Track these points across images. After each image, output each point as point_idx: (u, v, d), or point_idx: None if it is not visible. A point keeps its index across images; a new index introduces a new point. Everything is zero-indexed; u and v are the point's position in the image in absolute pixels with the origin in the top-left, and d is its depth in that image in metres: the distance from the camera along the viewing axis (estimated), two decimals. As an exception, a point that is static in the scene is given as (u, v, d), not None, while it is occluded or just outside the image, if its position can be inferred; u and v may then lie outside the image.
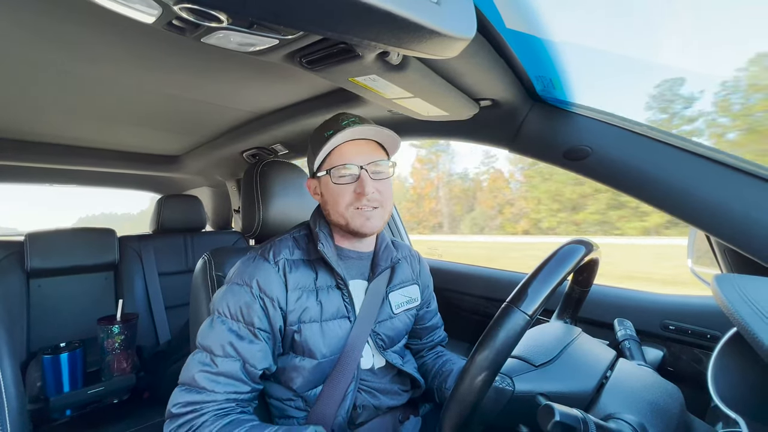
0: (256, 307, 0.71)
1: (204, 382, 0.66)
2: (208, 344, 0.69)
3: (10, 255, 1.46)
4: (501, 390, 0.58)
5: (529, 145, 0.92)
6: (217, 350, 0.68)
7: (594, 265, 0.73)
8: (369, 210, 0.75)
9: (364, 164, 0.74)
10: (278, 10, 0.39)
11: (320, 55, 0.56)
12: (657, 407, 0.55)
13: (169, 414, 0.66)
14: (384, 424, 0.82)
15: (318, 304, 0.76)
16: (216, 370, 0.67)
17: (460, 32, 0.45)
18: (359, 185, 0.74)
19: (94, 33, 0.70)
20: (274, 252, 0.77)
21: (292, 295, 0.74)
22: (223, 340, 0.68)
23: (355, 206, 0.75)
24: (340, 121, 0.76)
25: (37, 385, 1.23)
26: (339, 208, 0.75)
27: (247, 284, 0.72)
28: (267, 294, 0.72)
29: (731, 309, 0.45)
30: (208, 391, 0.66)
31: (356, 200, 0.74)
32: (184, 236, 1.89)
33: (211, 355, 0.68)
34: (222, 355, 0.68)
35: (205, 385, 0.66)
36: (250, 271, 0.73)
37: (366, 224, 0.75)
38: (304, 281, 0.76)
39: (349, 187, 0.75)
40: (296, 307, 0.74)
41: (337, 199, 0.75)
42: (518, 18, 0.65)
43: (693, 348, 0.90)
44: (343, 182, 0.74)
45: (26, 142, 1.45)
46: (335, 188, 0.75)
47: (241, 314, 0.70)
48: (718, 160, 0.70)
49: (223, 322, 0.70)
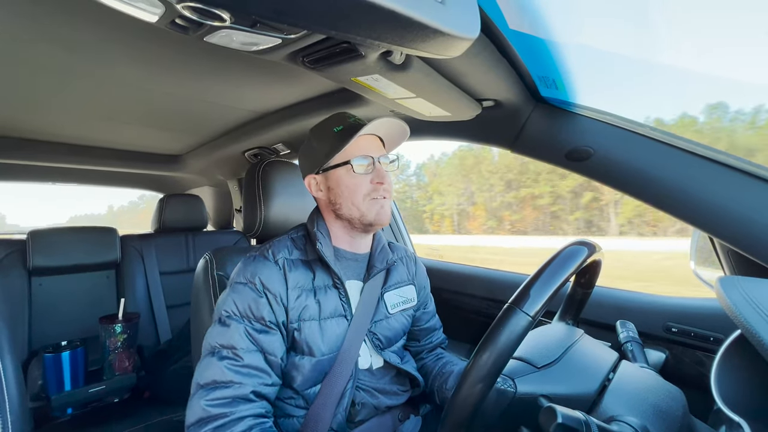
0: (263, 301, 0.72)
1: (232, 375, 0.66)
2: (227, 341, 0.69)
3: (12, 253, 1.47)
4: (503, 391, 0.58)
5: (531, 146, 0.92)
6: (240, 343, 0.69)
7: (597, 267, 0.73)
8: (382, 200, 0.79)
9: (377, 156, 0.79)
10: (281, 8, 0.39)
11: (323, 54, 0.56)
12: (660, 410, 0.54)
13: (197, 419, 0.64)
14: (383, 423, 0.82)
15: (316, 303, 0.77)
16: (242, 362, 0.67)
17: (463, 32, 0.44)
18: (377, 175, 0.78)
19: (97, 32, 0.70)
20: (274, 251, 0.78)
21: (292, 293, 0.75)
22: (242, 334, 0.69)
23: (372, 196, 0.78)
24: (347, 118, 0.80)
25: (38, 384, 1.23)
26: (356, 198, 0.78)
27: (250, 282, 0.73)
28: (270, 290, 0.73)
29: (735, 311, 0.45)
30: (236, 384, 0.66)
31: (374, 190, 0.78)
32: (185, 235, 1.89)
33: (232, 350, 0.68)
34: (245, 348, 0.69)
35: (233, 378, 0.66)
36: (252, 269, 0.75)
37: (380, 213, 0.79)
38: (303, 280, 0.77)
39: (367, 178, 0.78)
40: (296, 305, 0.75)
41: (355, 191, 0.78)
42: (521, 19, 0.64)
43: (696, 350, 0.90)
44: (363, 172, 0.78)
45: (28, 141, 1.46)
46: (354, 179, 0.78)
47: (251, 311, 0.72)
48: (721, 162, 0.69)
49: (235, 320, 0.71)
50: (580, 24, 0.74)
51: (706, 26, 47.93)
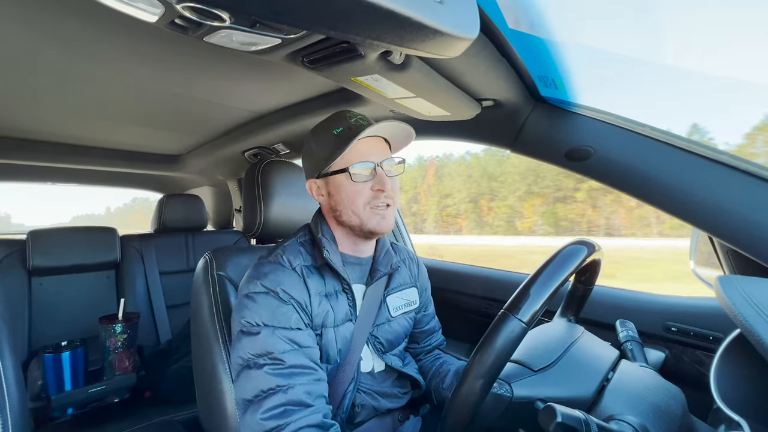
0: (289, 308, 0.69)
1: (277, 379, 0.63)
2: (260, 349, 0.65)
3: (12, 253, 1.47)
4: (499, 396, 0.58)
5: (530, 146, 0.92)
6: (276, 347, 0.65)
7: (596, 264, 0.73)
8: (383, 209, 0.75)
9: (380, 161, 0.75)
10: (281, 9, 0.39)
11: (322, 54, 0.56)
12: (659, 409, 0.54)
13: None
14: (383, 423, 0.82)
15: (332, 309, 0.75)
16: (285, 365, 0.64)
17: (463, 32, 0.44)
18: (377, 182, 0.74)
19: (97, 32, 0.70)
20: (290, 258, 0.75)
21: (314, 300, 0.73)
22: (277, 338, 0.66)
23: (372, 204, 0.74)
24: (349, 118, 0.75)
25: (38, 384, 1.23)
26: (355, 207, 0.74)
27: (272, 291, 0.70)
28: (295, 298, 0.70)
29: (735, 311, 0.45)
30: (283, 387, 0.62)
31: (374, 198, 0.74)
32: (185, 235, 1.89)
33: (269, 356, 0.65)
34: (283, 350, 0.65)
35: (279, 383, 0.62)
36: (272, 278, 0.71)
37: (381, 223, 0.75)
38: (320, 287, 0.75)
39: (367, 185, 0.74)
40: (320, 312, 0.73)
41: (354, 198, 0.74)
42: (520, 18, 0.64)
43: (695, 350, 0.90)
44: (363, 180, 0.74)
45: (28, 141, 1.46)
46: (353, 187, 0.74)
47: (277, 318, 0.68)
48: (721, 161, 0.69)
49: (264, 328, 0.67)
50: (579, 24, 0.74)
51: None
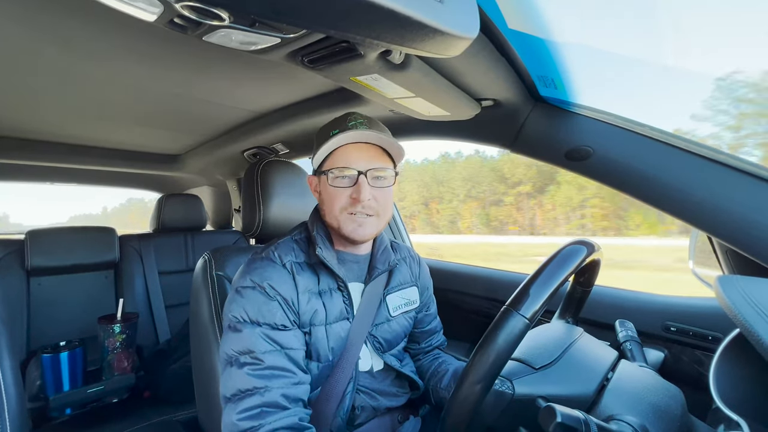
0: (275, 305, 0.70)
1: (255, 380, 0.63)
2: (243, 347, 0.66)
3: (10, 253, 1.46)
4: (500, 393, 0.58)
5: (530, 146, 0.92)
6: (259, 346, 0.66)
7: (596, 266, 0.73)
8: (363, 217, 0.74)
9: (365, 169, 0.73)
10: (280, 8, 0.39)
11: (322, 53, 0.56)
12: (658, 409, 0.54)
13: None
14: (383, 424, 0.82)
15: (324, 307, 0.75)
16: (264, 365, 0.65)
17: (463, 31, 0.44)
18: (356, 190, 0.72)
19: (95, 31, 0.70)
20: (280, 254, 0.76)
21: (302, 297, 0.73)
22: (257, 336, 0.67)
23: (349, 211, 0.73)
24: (347, 121, 0.74)
25: (36, 384, 1.23)
26: (333, 210, 0.74)
27: (259, 285, 0.70)
28: (281, 294, 0.71)
29: (734, 310, 0.45)
30: (260, 389, 0.63)
31: (351, 205, 0.73)
32: (184, 235, 1.89)
33: (251, 355, 0.65)
34: (264, 350, 0.66)
35: (257, 384, 0.63)
36: (260, 273, 0.72)
37: (357, 230, 0.74)
38: (311, 284, 0.75)
39: (346, 191, 0.73)
40: (307, 309, 0.73)
41: (332, 202, 0.74)
42: (520, 18, 0.64)
43: (694, 349, 0.90)
44: (340, 185, 0.73)
45: (27, 141, 1.45)
46: (331, 190, 0.74)
47: (262, 315, 0.69)
48: (720, 161, 0.70)
49: (248, 325, 0.68)
50: (579, 24, 0.74)
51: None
